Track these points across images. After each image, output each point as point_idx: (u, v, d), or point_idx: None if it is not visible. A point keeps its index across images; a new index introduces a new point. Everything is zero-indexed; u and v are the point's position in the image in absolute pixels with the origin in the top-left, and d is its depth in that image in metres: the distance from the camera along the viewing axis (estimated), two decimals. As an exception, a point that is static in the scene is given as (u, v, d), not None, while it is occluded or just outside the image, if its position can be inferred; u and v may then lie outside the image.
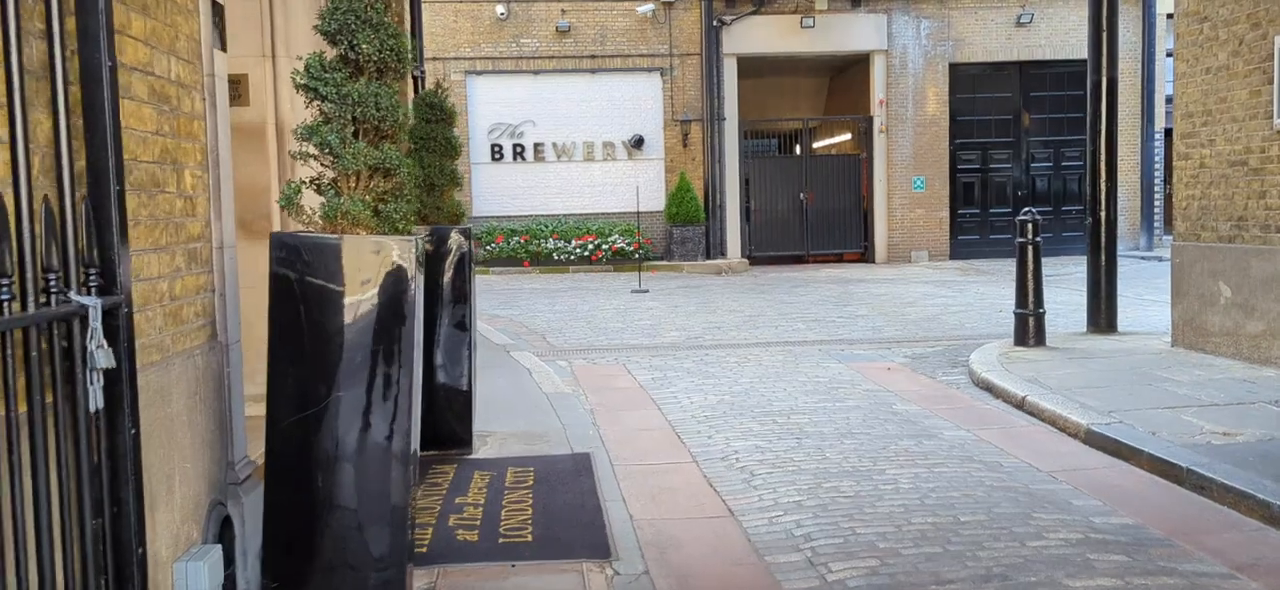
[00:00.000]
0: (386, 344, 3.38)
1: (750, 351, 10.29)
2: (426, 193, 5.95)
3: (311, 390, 3.39)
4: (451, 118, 6.05)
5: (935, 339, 11.07)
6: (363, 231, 3.40)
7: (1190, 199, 8.84)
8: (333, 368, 3.39)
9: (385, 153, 3.44)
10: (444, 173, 5.96)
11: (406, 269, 3.36)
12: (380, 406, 3.44)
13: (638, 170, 22.44)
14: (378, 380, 3.41)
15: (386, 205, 3.47)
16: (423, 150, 5.94)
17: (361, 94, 3.39)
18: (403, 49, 3.56)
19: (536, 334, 12.06)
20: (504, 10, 22.01)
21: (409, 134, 6.01)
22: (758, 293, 16.32)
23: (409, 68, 3.64)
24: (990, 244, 23.13)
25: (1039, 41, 22.96)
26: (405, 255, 3.35)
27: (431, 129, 5.95)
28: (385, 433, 3.46)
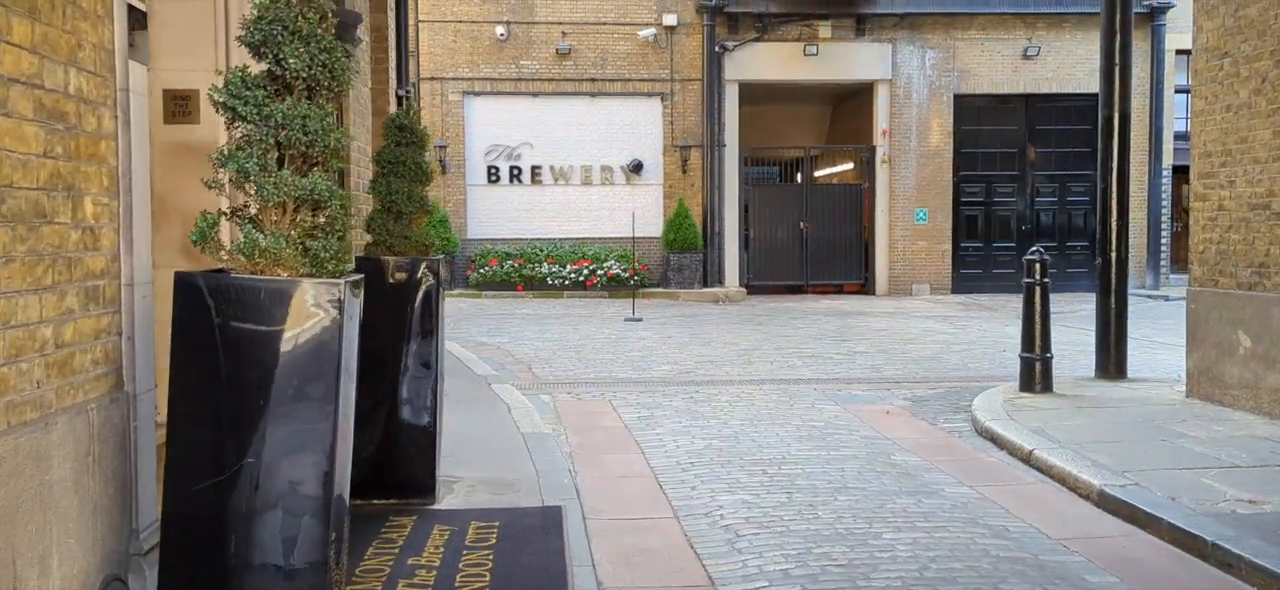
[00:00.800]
0: (309, 398, 2.95)
1: (743, 389, 9.84)
2: (393, 221, 5.52)
3: (221, 451, 2.96)
4: (423, 141, 5.63)
5: (937, 380, 10.62)
6: (285, 272, 2.97)
7: (1208, 243, 8.41)
8: (245, 426, 2.95)
9: (314, 182, 3.01)
10: (412, 199, 5.53)
11: (334, 315, 2.93)
12: (302, 466, 3.01)
13: (636, 195, 22.04)
14: (300, 438, 2.98)
15: (315, 242, 3.04)
16: (390, 175, 5.52)
17: (287, 115, 2.97)
18: (337, 65, 3.14)
19: (522, 364, 11.61)
20: (504, 31, 21.68)
21: (377, 157, 5.59)
22: (754, 324, 15.87)
23: (346, 86, 3.23)
24: (993, 278, 22.68)
25: (1046, 74, 22.60)
26: (331, 300, 2.93)
27: (401, 152, 5.53)
28: (308, 498, 3.02)
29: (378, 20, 8.49)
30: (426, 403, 5.60)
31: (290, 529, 3.06)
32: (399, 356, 5.53)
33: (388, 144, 5.55)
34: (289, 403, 2.97)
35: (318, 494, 3.08)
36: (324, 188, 3.04)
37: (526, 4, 21.83)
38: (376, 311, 5.47)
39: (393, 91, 8.96)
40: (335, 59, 3.11)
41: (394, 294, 5.45)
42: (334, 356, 2.95)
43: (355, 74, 6.90)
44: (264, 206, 2.99)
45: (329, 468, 3.07)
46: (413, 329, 5.51)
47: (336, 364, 2.97)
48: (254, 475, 2.96)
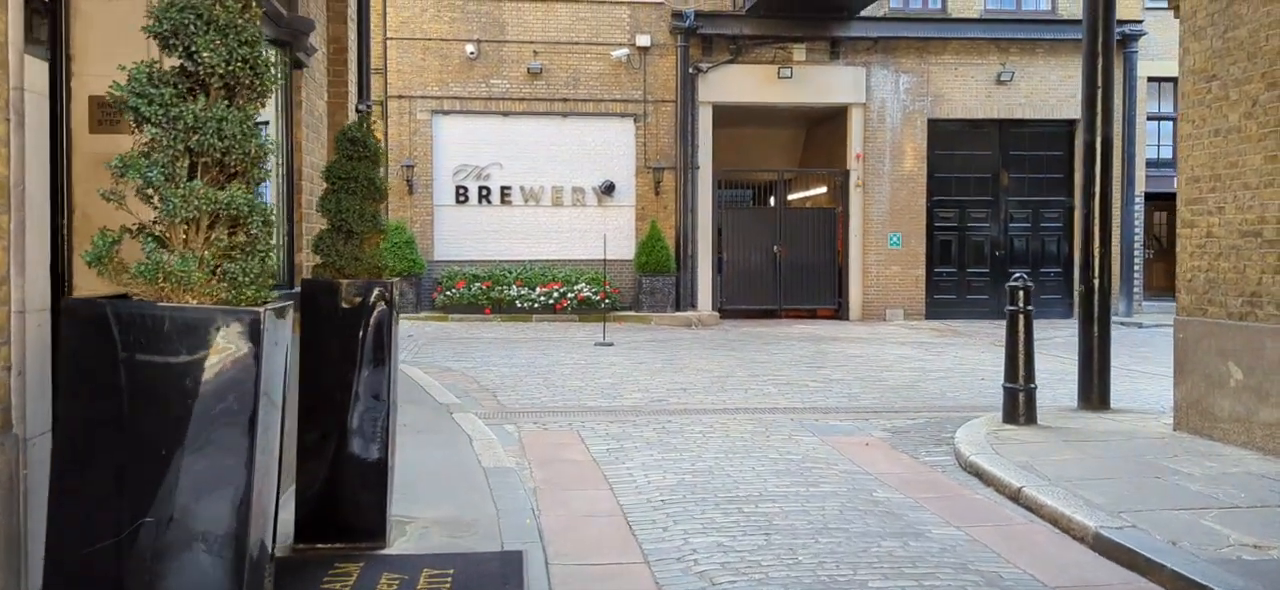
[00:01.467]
0: (221, 443, 2.55)
1: (717, 419, 9.47)
2: (344, 241, 5.12)
3: (119, 505, 2.55)
4: (377, 156, 5.24)
5: (916, 409, 10.30)
6: (194, 299, 2.58)
7: (1196, 270, 8.15)
8: (147, 474, 2.55)
9: (231, 196, 2.62)
10: (365, 218, 5.13)
11: (250, 347, 2.54)
12: (214, 516, 2.60)
13: (607, 217, 21.69)
14: (211, 484, 2.58)
15: (232, 264, 2.65)
16: (341, 192, 5.12)
17: (200, 117, 2.58)
18: (260, 62, 2.75)
19: (487, 391, 11.19)
20: (474, 50, 21.32)
21: (326, 173, 5.19)
22: (728, 350, 15.53)
23: (271, 85, 2.85)
24: (967, 304, 22.51)
25: (1019, 100, 22.52)
26: (247, 330, 2.54)
27: (353, 167, 5.14)
28: (220, 552, 2.62)
29: (337, 31, 8.09)
30: (378, 437, 5.19)
31: (199, 587, 2.66)
32: (348, 387, 5.12)
33: (339, 159, 5.15)
34: (198, 448, 2.57)
35: (231, 547, 2.68)
36: (243, 202, 2.65)
37: (497, 22, 21.49)
38: (324, 338, 5.08)
39: (352, 106, 8.55)
40: (257, 54, 2.73)
41: (343, 320, 5.05)
42: (249, 394, 2.56)
43: (309, 84, 6.50)
44: (171, 223, 2.60)
45: (244, 517, 2.67)
46: (363, 357, 5.10)
47: (253, 403, 2.58)
48: (157, 530, 2.56)
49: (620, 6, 21.76)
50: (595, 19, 21.73)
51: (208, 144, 2.59)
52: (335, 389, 5.09)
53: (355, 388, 5.11)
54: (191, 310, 2.55)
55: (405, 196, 21.32)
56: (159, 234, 2.64)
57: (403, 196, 21.30)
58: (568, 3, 21.69)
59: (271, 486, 2.82)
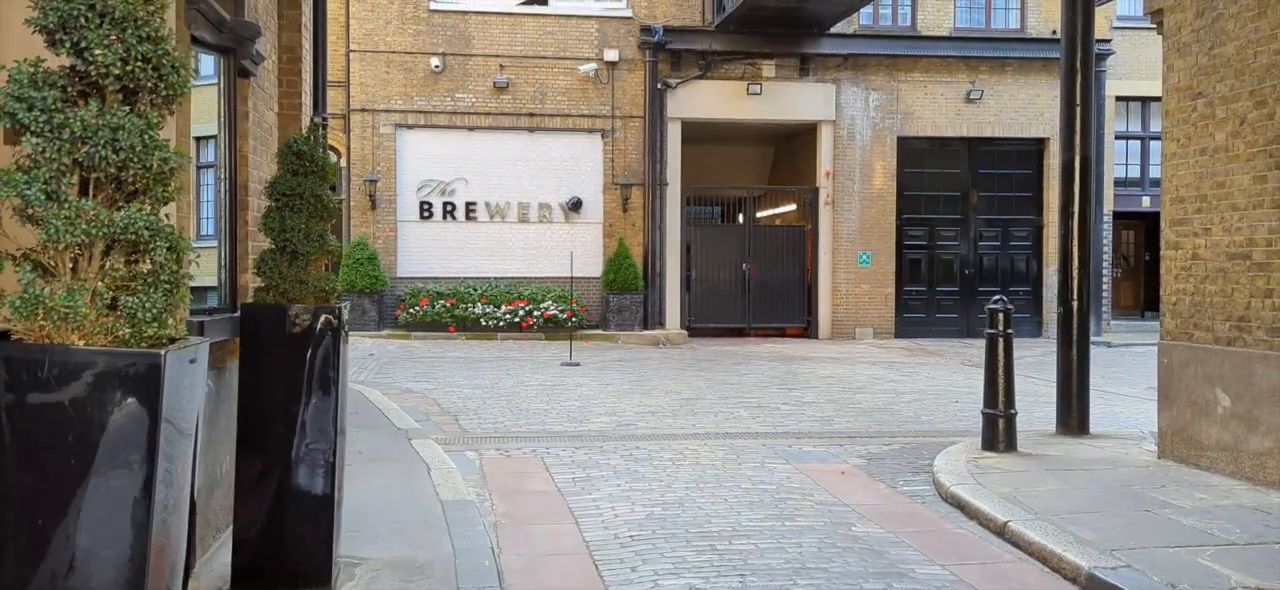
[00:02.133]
0: (113, 505, 2.17)
1: (687, 445, 9.12)
2: (288, 263, 4.73)
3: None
4: (325, 170, 4.86)
5: (891, 434, 10.01)
6: (81, 338, 2.20)
7: (1181, 294, 7.92)
8: (23, 538, 2.16)
9: (130, 217, 2.25)
10: (311, 238, 4.74)
11: (146, 396, 2.16)
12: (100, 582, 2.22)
13: (575, 234, 21.32)
14: (98, 546, 2.20)
15: (132, 298, 2.28)
16: (285, 209, 4.73)
17: (90, 126, 2.21)
18: (166, 62, 2.39)
19: (449, 415, 10.78)
20: (439, 63, 20.92)
21: (269, 189, 4.80)
22: (697, 370, 15.20)
23: (180, 89, 2.48)
24: (937, 323, 22.34)
25: (988, 118, 22.43)
26: (141, 376, 2.16)
27: (298, 183, 4.75)
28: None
29: (291, 40, 7.69)
30: (324, 472, 4.80)
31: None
32: (292, 420, 4.73)
33: (283, 173, 4.77)
34: (86, 507, 2.19)
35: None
36: (144, 225, 2.28)
37: (463, 36, 21.11)
38: (266, 368, 4.69)
39: (307, 119, 8.15)
40: (162, 53, 2.36)
41: (287, 348, 4.66)
42: (143, 451, 2.19)
43: (257, 94, 6.11)
44: (56, 249, 2.22)
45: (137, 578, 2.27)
46: (309, 387, 4.71)
47: (149, 461, 2.21)
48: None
49: (588, 21, 21.46)
50: (563, 33, 21.41)
51: (100, 157, 2.22)
52: (277, 422, 4.70)
53: (299, 420, 4.72)
54: (78, 352, 2.18)
55: (368, 212, 20.85)
56: (43, 262, 2.26)
57: (365, 212, 20.84)
58: (535, 17, 21.36)
59: (176, 544, 2.44)
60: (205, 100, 5.46)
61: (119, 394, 2.19)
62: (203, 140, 5.54)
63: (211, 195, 5.73)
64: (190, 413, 2.43)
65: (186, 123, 4.76)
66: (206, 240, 5.53)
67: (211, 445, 5.16)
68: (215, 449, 5.24)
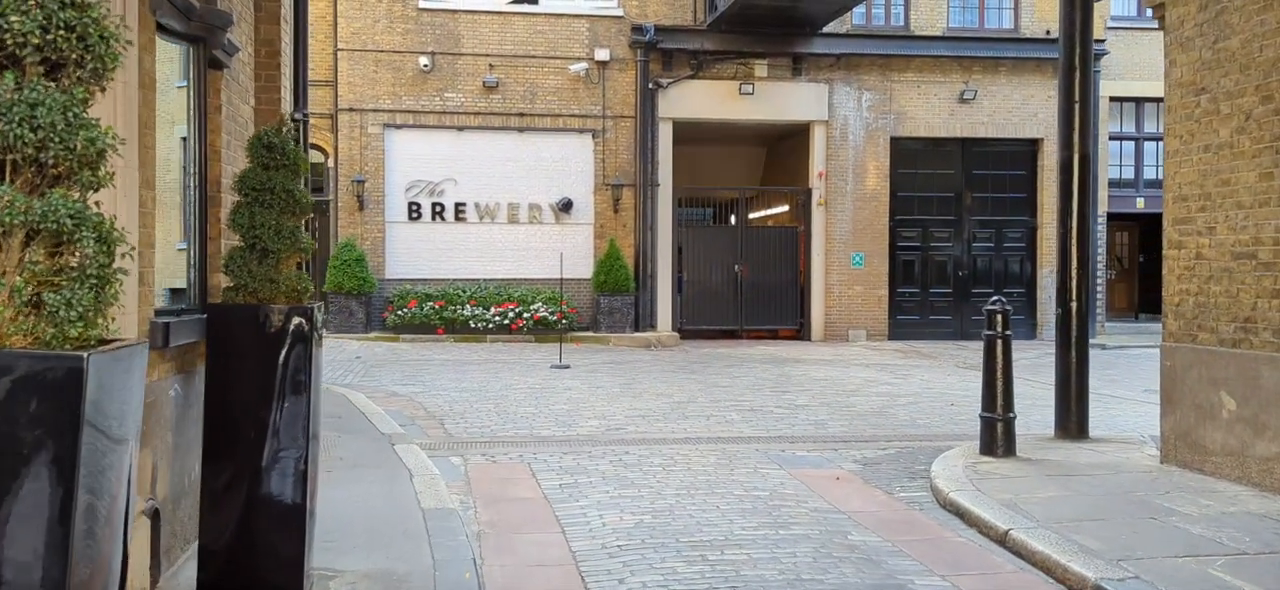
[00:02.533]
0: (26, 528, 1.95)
1: (678, 450, 8.90)
2: (257, 261, 4.50)
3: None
4: (297, 164, 4.63)
5: (886, 438, 9.80)
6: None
7: (1184, 294, 7.73)
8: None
9: (51, 204, 2.03)
10: (282, 235, 4.51)
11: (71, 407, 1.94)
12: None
13: (565, 235, 21.08)
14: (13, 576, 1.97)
15: (55, 295, 2.05)
16: (255, 205, 4.51)
17: (4, 101, 1.99)
18: (92, 30, 2.16)
19: (434, 419, 10.55)
20: (428, 62, 20.67)
21: (238, 184, 4.57)
22: (688, 372, 14.98)
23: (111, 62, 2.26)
24: (930, 325, 22.17)
25: (981, 119, 22.28)
26: (65, 384, 1.94)
27: (268, 177, 4.53)
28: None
29: (269, 33, 7.46)
30: (295, 481, 4.57)
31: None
32: (262, 425, 4.50)
33: (253, 167, 4.54)
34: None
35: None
36: (67, 214, 2.05)
37: (452, 35, 20.86)
38: (234, 372, 4.46)
39: (287, 115, 7.92)
40: (90, 22, 2.13)
41: (256, 351, 4.43)
42: (61, 460, 1.96)
43: (230, 87, 5.87)
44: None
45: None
46: (280, 391, 4.49)
47: (69, 470, 1.98)
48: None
49: (579, 20, 21.24)
50: (553, 32, 21.18)
51: (16, 136, 1.99)
52: (247, 428, 4.47)
53: (270, 426, 4.49)
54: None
55: (356, 213, 20.60)
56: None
57: (353, 213, 20.58)
58: (525, 16, 21.13)
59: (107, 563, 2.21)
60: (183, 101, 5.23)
61: (36, 401, 1.97)
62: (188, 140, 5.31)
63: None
64: (125, 420, 2.22)
65: (150, 112, 4.53)
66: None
67: (180, 452, 4.92)
68: (183, 456, 5.00)
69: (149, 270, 4.48)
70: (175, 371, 4.84)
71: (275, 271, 4.48)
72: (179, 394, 4.84)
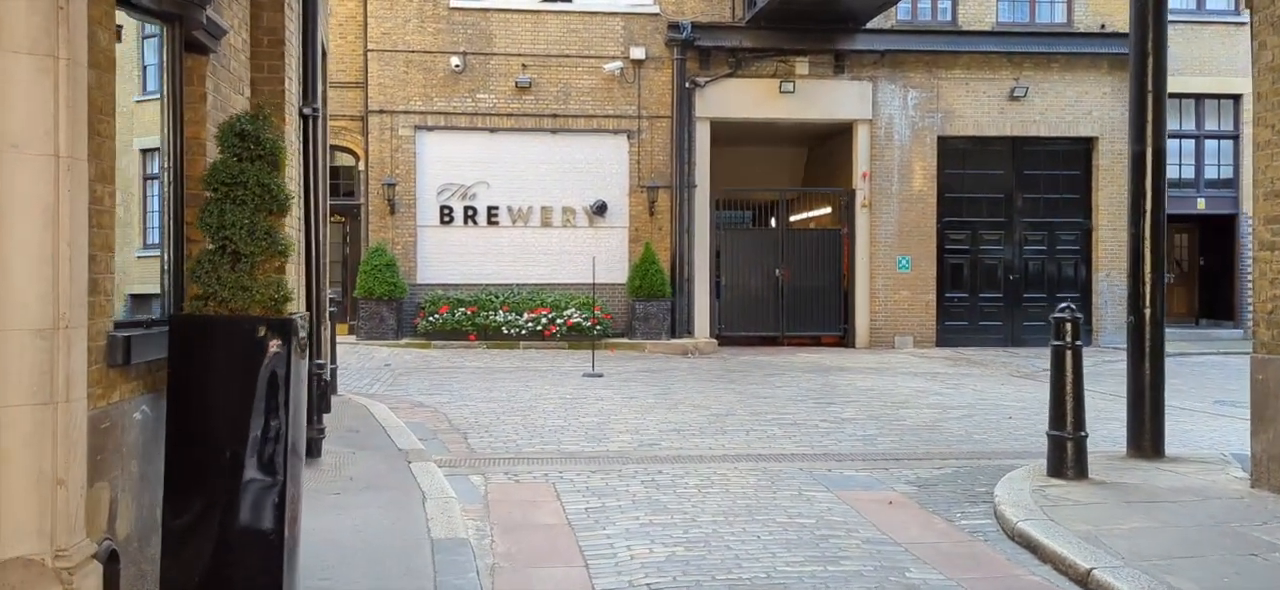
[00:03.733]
0: None
1: (715, 469, 8.24)
2: (228, 266, 3.92)
3: None
4: (274, 155, 4.05)
5: (941, 455, 9.08)
6: None
7: (1276, 300, 6.95)
8: None
9: None
10: (256, 236, 3.94)
11: None
12: None
13: (599, 238, 20.48)
14: None
15: None
16: (226, 202, 3.94)
17: None
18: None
19: (458, 432, 9.97)
20: (459, 62, 20.17)
21: (207, 178, 4.00)
22: (727, 381, 14.31)
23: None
24: (980, 331, 21.29)
25: (1033, 117, 21.39)
26: None
27: (241, 170, 3.96)
28: None
29: (273, 20, 6.92)
30: (273, 516, 3.98)
31: None
32: (233, 454, 3.92)
33: (225, 158, 3.97)
34: None
35: None
36: None
37: (484, 34, 20.35)
38: (198, 393, 3.91)
39: (294, 108, 7.38)
40: None
41: (225, 368, 3.85)
42: None
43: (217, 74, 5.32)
44: None
45: None
46: (252, 415, 3.90)
47: None
48: None
49: (613, 17, 20.65)
50: (587, 31, 20.60)
51: None
52: (215, 457, 3.90)
53: (241, 455, 3.91)
54: None
55: (386, 217, 20.14)
56: None
57: (384, 217, 20.12)
58: (558, 14, 20.57)
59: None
60: (151, 114, 4.63)
61: None
62: (149, 153, 4.73)
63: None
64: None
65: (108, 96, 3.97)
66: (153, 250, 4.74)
67: (149, 483, 4.35)
68: (154, 487, 4.43)
69: (106, 276, 3.92)
70: (144, 391, 4.27)
71: (249, 278, 3.91)
72: (147, 417, 4.27)
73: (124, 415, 4.08)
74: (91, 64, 3.81)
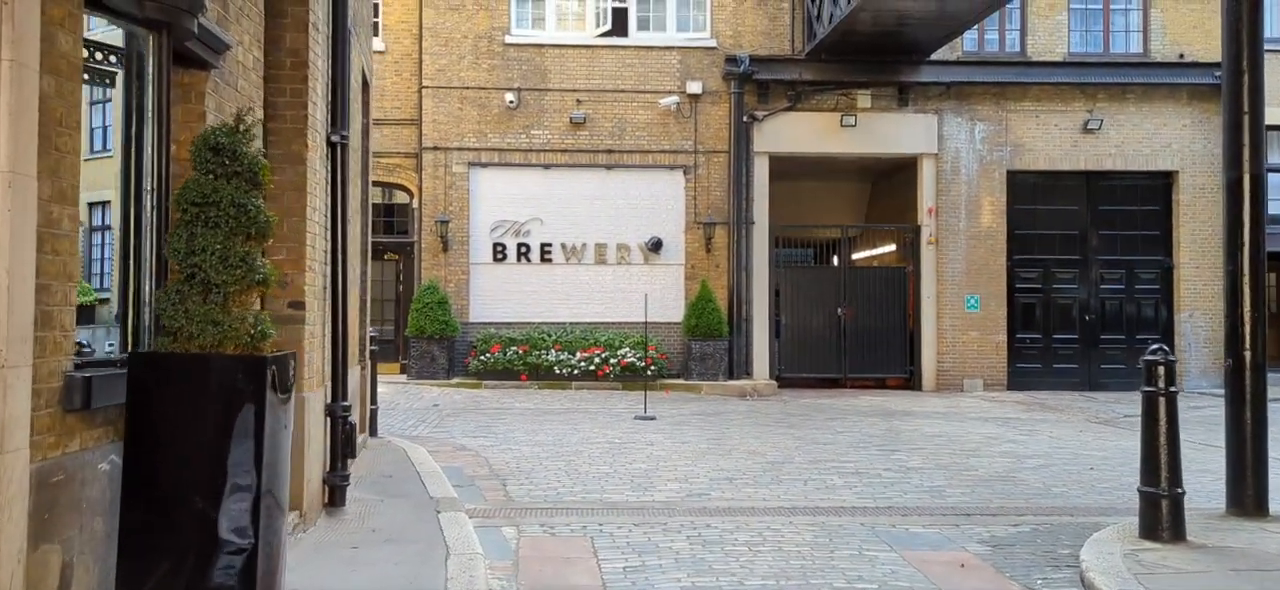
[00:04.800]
0: None
1: (769, 523, 7.59)
2: (197, 298, 3.44)
3: None
4: (253, 173, 3.57)
5: (1017, 510, 8.31)
6: None
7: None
8: None
9: None
10: (230, 264, 3.45)
11: None
12: None
13: (654, 276, 19.96)
14: None
15: None
16: (196, 224, 3.46)
17: None
18: None
19: (497, 478, 9.44)
20: (514, 98, 19.89)
21: (177, 198, 3.53)
22: (785, 426, 13.62)
23: None
24: (1054, 374, 20.31)
25: (1108, 149, 20.46)
26: None
27: (214, 188, 3.49)
28: None
29: (296, 41, 6.51)
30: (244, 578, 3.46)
31: None
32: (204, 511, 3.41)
33: (196, 177, 3.50)
34: None
35: None
36: None
37: (539, 70, 20.06)
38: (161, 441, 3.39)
39: (319, 135, 6.97)
40: None
41: (191, 414, 3.36)
42: None
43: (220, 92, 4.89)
44: None
45: None
46: (225, 466, 3.40)
47: None
48: None
49: (670, 52, 20.23)
50: (643, 65, 20.20)
51: None
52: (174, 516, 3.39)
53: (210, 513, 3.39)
54: None
55: (439, 254, 19.84)
56: None
57: (437, 254, 19.82)
58: (614, 49, 20.21)
59: None
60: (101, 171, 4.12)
61: None
62: (96, 205, 4.24)
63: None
64: None
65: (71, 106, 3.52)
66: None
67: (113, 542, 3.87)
68: (125, 546, 3.94)
69: (62, 309, 3.45)
70: (114, 438, 3.80)
71: (222, 311, 3.42)
72: (117, 468, 3.79)
73: (83, 467, 3.60)
74: (49, 69, 3.37)
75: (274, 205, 6.47)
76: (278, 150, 6.44)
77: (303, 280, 6.44)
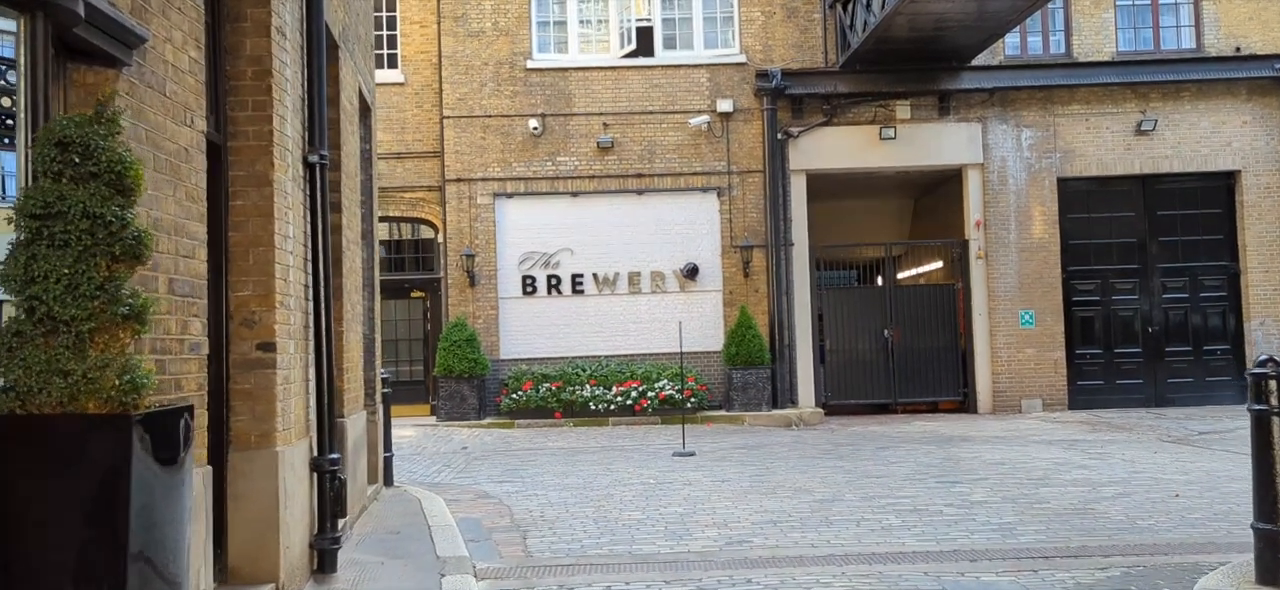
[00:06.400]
0: None
1: (818, 577, 6.64)
2: (42, 339, 2.61)
3: None
4: (116, 173, 2.75)
5: (1102, 550, 7.28)
6: None
7: None
8: None
9: None
10: (79, 294, 2.61)
11: None
12: None
13: (691, 304, 19.07)
14: None
15: None
16: (36, 242, 2.63)
17: None
18: None
19: (517, 531, 8.57)
20: (538, 125, 19.16)
21: (16, 210, 2.71)
22: (834, 458, 12.63)
23: None
24: (1117, 391, 19.11)
25: (1164, 152, 19.32)
26: None
27: (61, 196, 2.66)
28: None
29: (258, 48, 5.75)
30: None
31: None
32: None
33: (40, 181, 2.68)
34: None
35: None
36: None
37: (563, 95, 19.33)
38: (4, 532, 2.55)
39: (290, 153, 6.19)
40: None
41: (26, 488, 2.52)
42: None
43: (140, 94, 4.11)
44: None
45: None
46: (82, 549, 2.56)
47: None
48: None
49: (698, 70, 19.43)
50: (670, 85, 19.41)
51: None
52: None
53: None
54: None
55: (466, 290, 19.09)
56: None
57: (464, 290, 19.07)
58: (640, 69, 19.45)
59: None
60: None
61: None
62: None
63: None
64: None
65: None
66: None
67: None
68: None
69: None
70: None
71: (73, 357, 2.59)
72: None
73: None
74: None
75: (237, 233, 5.70)
76: (240, 171, 5.68)
77: (272, 318, 5.64)
